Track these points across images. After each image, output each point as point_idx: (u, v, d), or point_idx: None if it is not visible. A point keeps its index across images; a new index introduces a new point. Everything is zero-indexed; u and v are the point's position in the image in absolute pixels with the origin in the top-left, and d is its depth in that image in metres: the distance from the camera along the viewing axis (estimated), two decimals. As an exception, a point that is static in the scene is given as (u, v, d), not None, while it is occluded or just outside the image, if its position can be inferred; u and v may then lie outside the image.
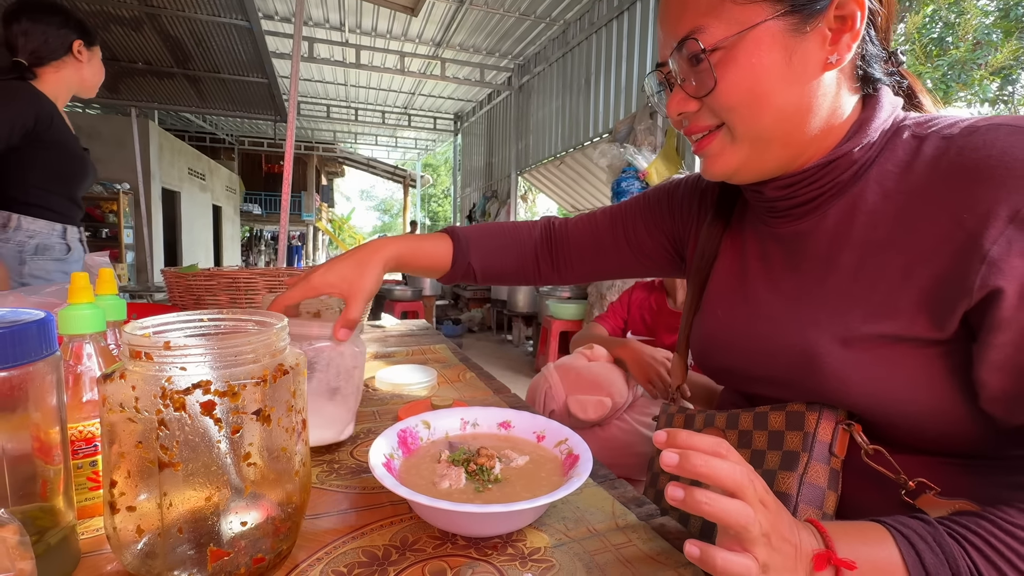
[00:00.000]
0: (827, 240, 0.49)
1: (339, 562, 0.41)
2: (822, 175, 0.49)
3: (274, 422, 0.37)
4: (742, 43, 0.44)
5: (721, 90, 0.46)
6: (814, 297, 0.49)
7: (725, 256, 0.63)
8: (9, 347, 0.32)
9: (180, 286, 0.95)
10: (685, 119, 0.51)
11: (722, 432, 0.57)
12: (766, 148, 0.48)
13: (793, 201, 0.52)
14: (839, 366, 0.45)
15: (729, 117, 0.47)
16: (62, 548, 0.37)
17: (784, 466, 0.49)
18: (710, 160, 0.52)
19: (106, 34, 3.38)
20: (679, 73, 0.49)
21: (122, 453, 0.35)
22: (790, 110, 0.46)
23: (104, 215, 6.41)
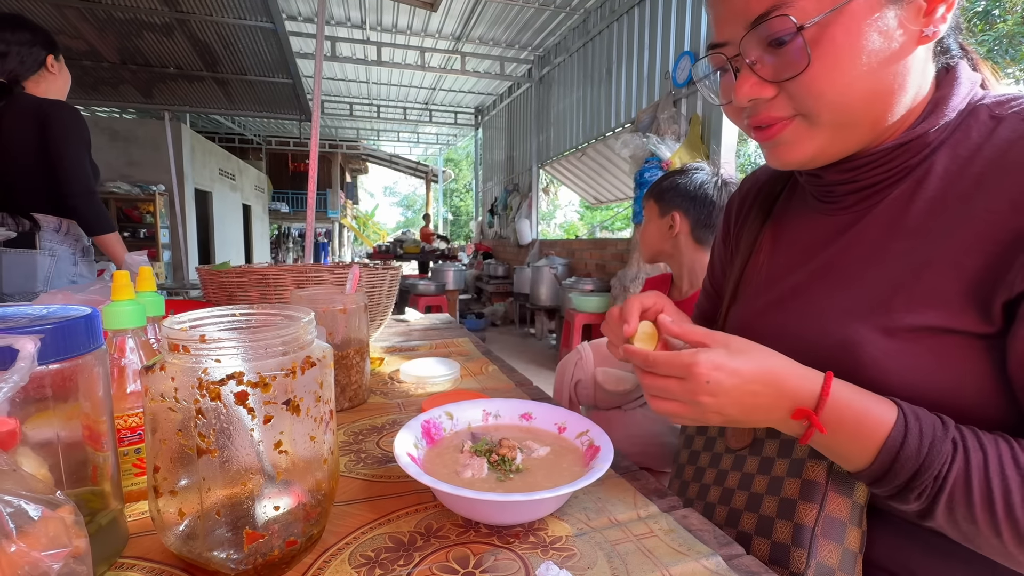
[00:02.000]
0: (880, 226, 0.47)
1: (367, 547, 0.42)
2: (892, 157, 0.46)
3: (303, 412, 0.38)
4: (839, 18, 0.39)
5: (814, 73, 0.41)
6: (858, 284, 0.47)
7: (765, 246, 0.61)
8: (60, 341, 0.34)
9: (214, 283, 0.99)
10: (754, 108, 0.47)
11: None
12: (850, 133, 0.45)
13: (855, 186, 0.49)
14: (880, 356, 0.43)
15: (815, 103, 0.43)
16: (112, 529, 0.40)
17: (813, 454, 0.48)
18: (782, 148, 0.47)
19: (139, 41, 3.51)
20: (750, 55, 0.44)
21: (164, 440, 0.37)
22: (883, 91, 0.42)
23: (142, 216, 6.69)
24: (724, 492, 0.55)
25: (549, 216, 12.74)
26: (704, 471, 0.60)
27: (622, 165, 4.67)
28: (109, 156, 6.54)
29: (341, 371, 0.74)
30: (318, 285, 0.96)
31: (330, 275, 0.99)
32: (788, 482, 0.48)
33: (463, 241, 14.06)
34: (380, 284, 1.10)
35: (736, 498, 0.53)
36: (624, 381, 0.95)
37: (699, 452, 0.62)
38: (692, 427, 0.66)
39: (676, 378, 0.42)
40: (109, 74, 4.06)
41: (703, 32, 3.21)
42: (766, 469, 0.51)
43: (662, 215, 1.15)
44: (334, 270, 1.00)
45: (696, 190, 1.11)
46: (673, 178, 1.15)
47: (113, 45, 3.57)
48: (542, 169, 6.13)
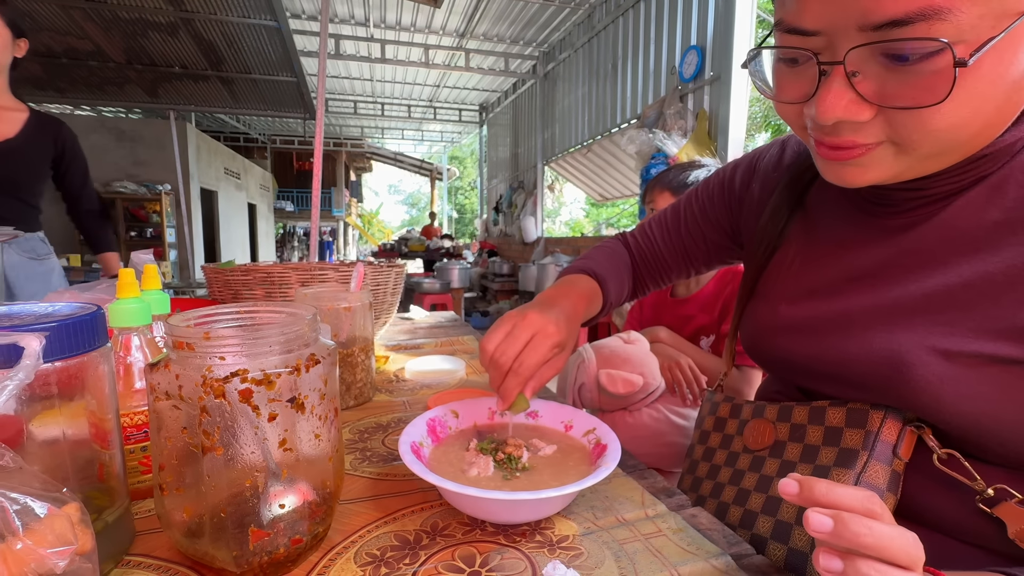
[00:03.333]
0: (942, 234, 0.41)
1: (372, 545, 0.42)
2: (969, 169, 0.40)
3: (308, 409, 0.38)
4: (999, 43, 0.30)
5: (943, 110, 0.32)
6: (913, 298, 0.42)
7: (794, 241, 0.56)
8: (65, 339, 0.34)
9: (219, 281, 0.99)
10: (837, 128, 0.37)
11: (772, 424, 0.53)
12: (939, 160, 0.38)
13: (919, 194, 0.43)
14: (934, 379, 0.39)
15: (923, 138, 0.35)
16: (118, 526, 0.40)
17: (840, 463, 0.45)
18: (852, 171, 0.40)
19: (144, 41, 3.53)
20: (854, 63, 0.34)
21: (169, 438, 0.37)
22: (996, 124, 0.35)
23: (148, 215, 6.74)
24: (740, 492, 0.53)
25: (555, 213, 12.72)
26: (719, 469, 0.58)
27: (628, 161, 4.65)
28: (115, 156, 6.59)
29: (346, 369, 0.74)
30: (323, 283, 0.96)
31: (335, 273, 0.99)
32: None
33: (468, 239, 14.06)
34: (385, 282, 1.09)
35: (752, 500, 0.51)
36: (628, 384, 0.94)
37: (715, 449, 0.61)
38: (709, 422, 0.64)
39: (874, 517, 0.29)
40: (115, 74, 4.09)
41: (711, 26, 3.18)
42: (787, 473, 0.49)
43: None
44: (339, 268, 1.00)
45: None
46: (689, 171, 1.12)
47: (119, 45, 3.60)
48: (547, 166, 6.11)
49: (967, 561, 0.42)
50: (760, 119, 9.22)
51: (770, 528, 0.48)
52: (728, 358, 0.71)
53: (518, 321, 0.53)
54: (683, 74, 3.35)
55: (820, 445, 0.48)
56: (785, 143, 0.62)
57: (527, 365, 0.50)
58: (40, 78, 4.14)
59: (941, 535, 0.43)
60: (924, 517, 0.44)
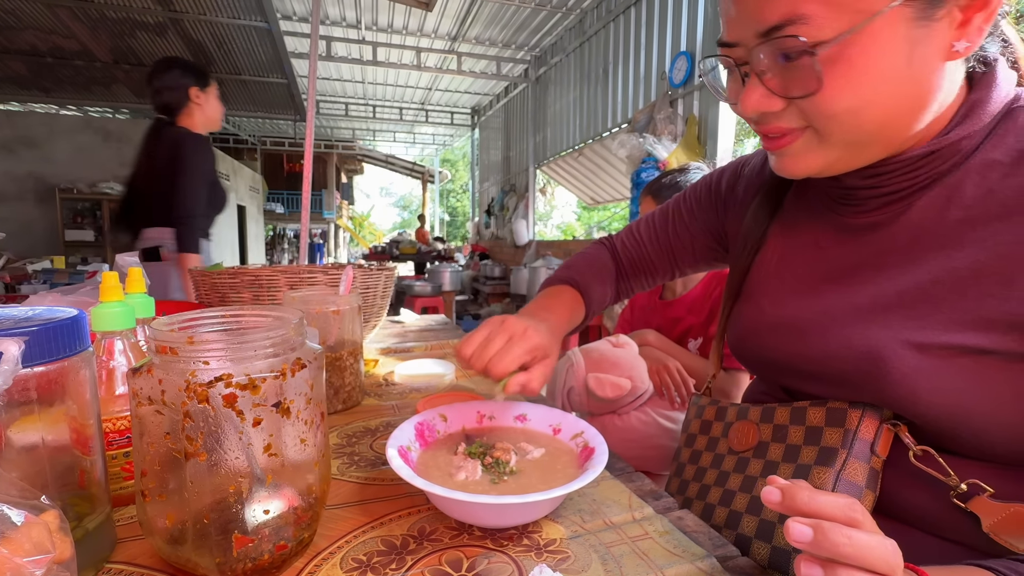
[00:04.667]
0: (910, 234, 0.44)
1: (359, 551, 0.42)
2: (919, 166, 0.43)
3: (293, 414, 0.38)
4: (858, 38, 0.36)
5: (826, 96, 0.39)
6: (887, 296, 0.44)
7: (775, 242, 0.58)
8: (45, 343, 0.33)
9: (206, 284, 0.98)
10: (763, 118, 0.44)
11: (756, 425, 0.55)
12: (862, 151, 0.42)
13: (876, 191, 0.46)
14: (909, 372, 0.41)
15: (826, 124, 0.41)
16: (99, 533, 0.39)
17: (821, 461, 0.47)
18: (790, 160, 0.45)
19: (132, 41, 3.49)
20: (759, 65, 0.41)
21: (151, 444, 0.36)
22: (901, 113, 0.40)
23: (136, 216, 6.64)
24: (725, 494, 0.54)
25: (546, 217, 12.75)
26: (705, 471, 0.59)
27: (619, 165, 4.68)
28: (102, 157, 6.48)
29: (335, 373, 0.74)
30: (312, 286, 0.96)
31: (324, 276, 0.98)
32: None
33: (459, 242, 14.05)
34: (375, 285, 1.09)
35: (737, 500, 0.52)
36: (616, 387, 0.95)
37: (701, 452, 0.61)
38: (695, 426, 0.65)
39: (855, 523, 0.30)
40: (102, 74, 4.03)
41: (700, 33, 3.22)
42: (770, 473, 0.50)
43: None
44: (328, 271, 0.99)
45: None
46: (673, 176, 1.15)
47: (106, 45, 3.55)
48: (539, 169, 6.13)
49: (945, 556, 0.43)
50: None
51: (754, 527, 0.49)
52: (716, 360, 0.71)
53: (495, 327, 0.56)
54: (673, 79, 3.38)
55: (801, 444, 0.49)
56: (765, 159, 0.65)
57: (499, 367, 0.52)
58: (24, 77, 4.07)
59: (920, 531, 0.44)
60: (902, 513, 0.45)
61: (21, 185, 6.20)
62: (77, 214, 6.42)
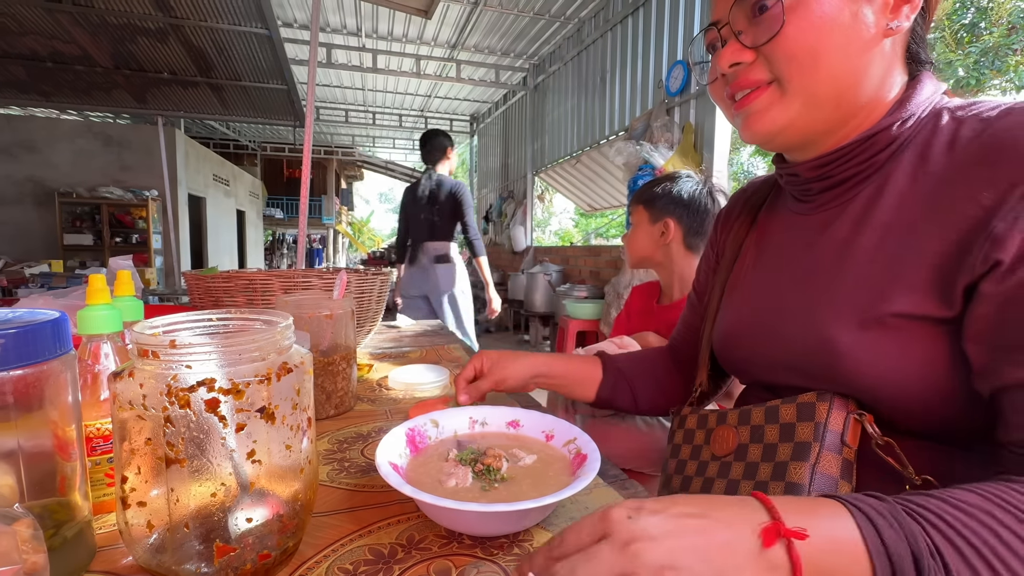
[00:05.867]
0: (851, 223, 0.49)
1: (345, 559, 0.41)
2: (860, 151, 0.49)
3: (279, 420, 0.37)
4: None
5: (787, 35, 0.46)
6: (831, 280, 0.49)
7: (748, 252, 0.63)
8: (23, 346, 0.33)
9: (200, 288, 0.97)
10: (735, 73, 0.51)
11: (734, 429, 0.56)
12: (817, 108, 0.48)
13: (828, 182, 0.52)
14: (853, 349, 0.45)
15: (786, 68, 0.47)
16: (78, 542, 0.38)
17: (796, 456, 0.48)
18: (754, 117, 0.50)
19: (132, 46, 3.50)
20: (736, 26, 0.50)
21: (133, 450, 0.35)
22: (848, 70, 0.46)
23: (134, 221, 6.65)
24: None
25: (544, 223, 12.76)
26: (691, 480, 0.59)
27: (616, 172, 4.69)
28: (102, 161, 6.50)
29: (327, 378, 0.73)
30: (306, 290, 0.95)
31: (319, 280, 0.97)
32: (772, 485, 0.48)
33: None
34: (370, 290, 1.08)
35: None
36: None
37: (686, 461, 0.62)
38: (679, 436, 0.65)
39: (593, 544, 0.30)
40: (102, 79, 4.04)
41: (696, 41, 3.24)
42: (751, 474, 0.51)
43: (653, 221, 1.15)
44: (323, 275, 0.98)
45: (689, 197, 1.11)
46: (664, 184, 1.14)
47: (106, 50, 3.56)
48: (537, 176, 6.15)
49: None
50: (747, 132, 9.37)
51: None
52: (702, 371, 0.71)
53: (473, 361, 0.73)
54: (670, 88, 3.41)
55: (778, 443, 0.50)
56: (745, 190, 0.71)
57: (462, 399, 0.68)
58: (24, 82, 4.08)
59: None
60: None
61: (20, 189, 6.20)
62: (76, 218, 6.42)
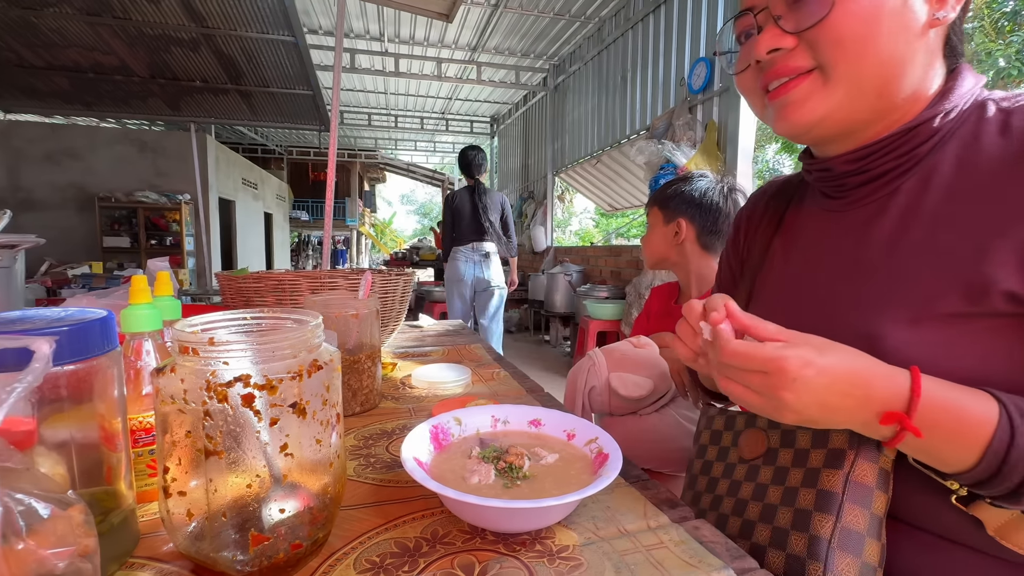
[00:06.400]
0: (896, 218, 0.47)
1: (372, 552, 0.42)
2: (900, 144, 0.47)
3: (309, 415, 0.38)
4: None
5: (835, 19, 0.43)
6: (879, 277, 0.47)
7: (776, 254, 0.61)
8: (75, 343, 0.35)
9: (232, 288, 1.01)
10: (772, 60, 0.48)
11: (764, 432, 0.55)
12: (860, 96, 0.46)
13: (865, 176, 0.50)
14: (902, 345, 0.43)
15: (832, 54, 0.45)
16: (123, 528, 0.41)
17: (829, 464, 0.47)
18: (793, 107, 0.48)
19: (167, 56, 3.64)
20: (775, 11, 0.47)
21: (174, 442, 0.37)
22: (894, 59, 0.44)
23: (168, 224, 6.89)
24: (737, 503, 0.53)
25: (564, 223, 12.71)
26: (717, 481, 0.58)
27: (637, 172, 4.64)
28: (138, 167, 6.77)
29: (353, 376, 0.75)
30: (332, 291, 0.97)
31: (344, 281, 1.00)
32: (803, 492, 0.47)
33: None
34: (393, 290, 1.10)
35: (750, 509, 0.51)
36: (639, 387, 0.94)
37: (712, 462, 0.61)
38: (705, 436, 0.65)
39: (758, 372, 0.40)
40: (139, 88, 4.21)
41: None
42: (780, 479, 0.50)
43: (667, 222, 1.15)
44: (348, 276, 1.01)
45: (701, 197, 1.11)
46: (677, 185, 1.15)
47: (143, 60, 3.71)
48: (557, 177, 6.14)
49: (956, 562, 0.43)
50: (770, 130, 9.16)
51: (768, 536, 0.48)
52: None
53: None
54: (692, 86, 3.35)
55: (810, 448, 0.49)
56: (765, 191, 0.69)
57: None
58: (68, 92, 4.28)
59: (931, 535, 0.44)
60: (913, 517, 0.45)
61: (63, 194, 6.51)
62: (114, 221, 6.70)
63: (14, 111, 4.93)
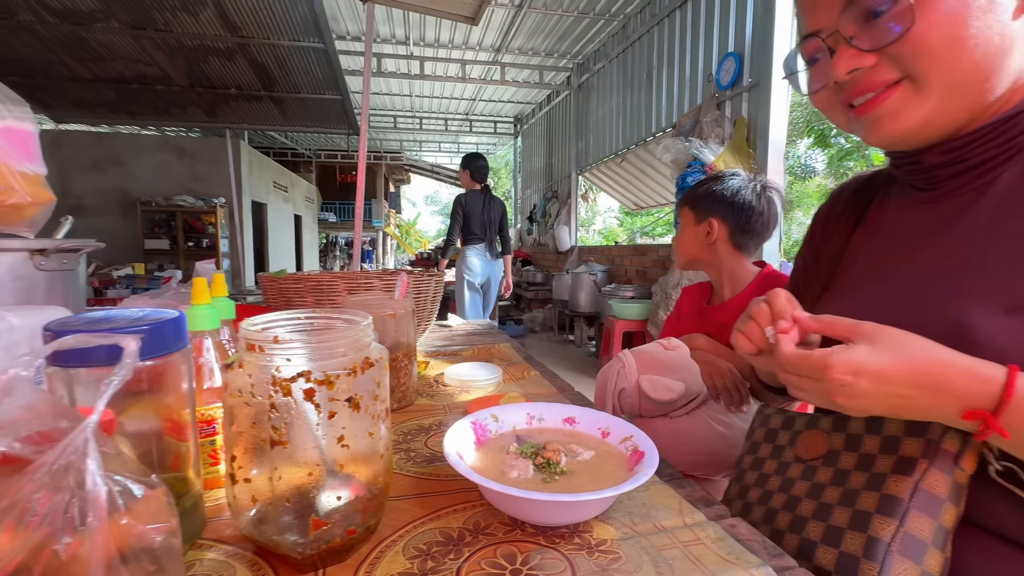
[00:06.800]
0: (993, 207, 0.46)
1: (419, 540, 0.44)
2: (999, 133, 0.45)
3: (363, 409, 0.41)
4: None
5: (919, 31, 0.41)
6: (973, 266, 0.45)
7: (857, 249, 0.60)
8: (154, 340, 0.38)
9: (273, 288, 1.05)
10: (854, 79, 0.47)
11: (826, 435, 0.54)
12: (957, 98, 0.44)
13: (959, 167, 0.48)
14: (995, 335, 0.41)
15: (921, 64, 0.43)
16: (193, 512, 0.44)
17: (898, 470, 0.45)
18: (887, 120, 0.46)
19: (205, 66, 3.79)
20: (846, 32, 0.45)
21: (240, 432, 0.40)
22: (989, 54, 0.42)
23: (204, 227, 7.17)
24: (789, 499, 0.53)
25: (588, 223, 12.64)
26: (768, 478, 0.58)
27: (663, 170, 4.59)
28: (178, 172, 7.06)
29: (391, 373, 0.78)
30: (368, 291, 1.01)
31: (379, 282, 1.03)
32: (865, 495, 0.46)
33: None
34: (425, 290, 1.13)
35: (803, 506, 0.51)
36: (670, 390, 0.94)
37: (764, 459, 0.61)
38: (759, 434, 0.65)
39: (811, 378, 0.40)
40: (178, 96, 4.40)
41: (748, 33, 3.12)
42: (840, 481, 0.49)
43: (698, 222, 1.14)
44: (383, 277, 1.04)
45: (733, 196, 1.09)
46: (708, 184, 1.14)
47: (182, 70, 3.88)
48: (581, 176, 6.11)
49: None
50: (802, 124, 8.90)
51: (821, 532, 0.48)
52: None
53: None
54: (720, 81, 3.30)
55: (877, 454, 0.48)
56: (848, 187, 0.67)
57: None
58: (114, 103, 4.51)
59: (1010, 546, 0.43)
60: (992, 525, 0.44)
61: (108, 199, 6.85)
62: (155, 225, 7.01)
63: (65, 121, 5.22)
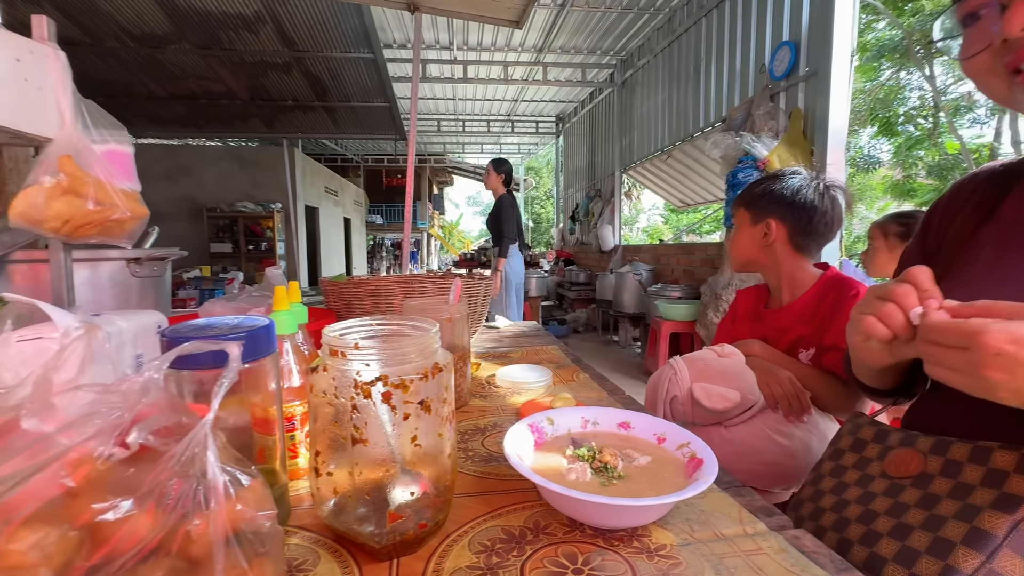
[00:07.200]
0: None
1: (483, 536, 0.47)
2: None
3: (433, 411, 0.44)
4: None
5: None
6: None
7: (988, 247, 0.56)
8: (254, 345, 0.43)
9: (334, 292, 1.12)
10: None
11: (922, 455, 0.51)
12: None
13: None
14: None
15: None
16: (281, 502, 0.48)
17: (997, 506, 0.43)
18: None
19: (264, 80, 4.03)
20: None
21: (323, 429, 0.44)
22: None
23: (263, 231, 7.61)
24: (866, 512, 0.52)
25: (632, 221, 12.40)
26: (847, 487, 0.57)
27: (711, 166, 4.44)
28: (239, 180, 7.55)
29: (447, 375, 0.81)
30: (423, 295, 1.05)
31: (433, 286, 1.07)
32: (952, 524, 0.44)
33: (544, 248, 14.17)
34: (476, 294, 1.17)
35: (880, 522, 0.50)
36: (726, 399, 0.92)
37: (847, 468, 0.59)
38: (846, 442, 0.62)
39: (958, 348, 0.37)
40: (240, 110, 4.70)
41: (805, 20, 2.97)
42: (928, 505, 0.48)
43: (755, 223, 1.10)
44: (436, 281, 1.08)
45: (793, 195, 1.04)
46: (766, 184, 1.09)
47: (244, 85, 4.14)
48: (625, 174, 6.02)
49: None
50: (865, 112, 8.33)
51: (894, 551, 0.46)
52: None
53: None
54: (774, 72, 3.16)
55: (977, 485, 0.45)
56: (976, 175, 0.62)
57: None
58: (185, 117, 4.88)
59: None
60: None
61: (178, 206, 7.41)
62: (219, 230, 7.52)
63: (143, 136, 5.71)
